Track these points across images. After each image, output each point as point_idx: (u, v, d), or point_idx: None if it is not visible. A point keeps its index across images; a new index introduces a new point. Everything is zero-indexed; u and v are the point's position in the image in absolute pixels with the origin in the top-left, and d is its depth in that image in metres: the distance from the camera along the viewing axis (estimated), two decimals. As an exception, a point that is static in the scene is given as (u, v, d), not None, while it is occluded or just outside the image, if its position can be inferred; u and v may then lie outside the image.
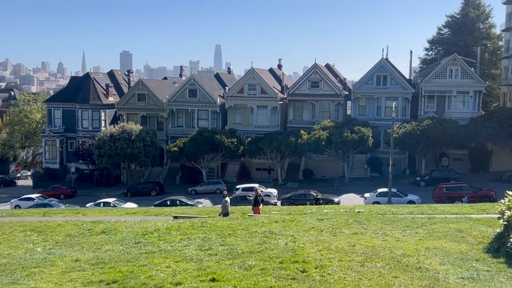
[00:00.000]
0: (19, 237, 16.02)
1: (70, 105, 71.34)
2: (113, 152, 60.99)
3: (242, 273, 10.79)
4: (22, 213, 31.69)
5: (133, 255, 12.80)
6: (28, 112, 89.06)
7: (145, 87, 70.89)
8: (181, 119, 69.79)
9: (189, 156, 61.19)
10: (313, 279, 10.33)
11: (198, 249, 13.29)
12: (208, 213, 25.86)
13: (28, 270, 11.52)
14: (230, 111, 68.05)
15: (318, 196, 44.46)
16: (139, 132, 62.61)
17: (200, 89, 68.64)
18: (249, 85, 67.45)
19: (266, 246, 13.54)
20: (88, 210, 35.04)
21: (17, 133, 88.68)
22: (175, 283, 10.03)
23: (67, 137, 71.59)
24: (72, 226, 18.07)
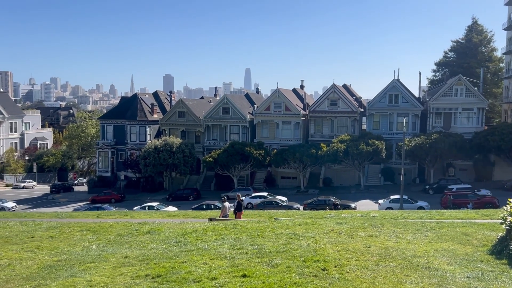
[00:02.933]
0: (76, 236, 16.18)
1: (120, 121, 72.47)
2: (157, 162, 61.66)
3: (270, 270, 10.75)
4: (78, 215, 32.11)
5: (174, 253, 12.85)
6: (85, 128, 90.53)
7: (184, 105, 71.64)
8: (215, 133, 70.22)
9: (222, 165, 61.43)
10: (333, 277, 10.23)
11: (230, 248, 13.28)
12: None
13: (85, 265, 11.64)
14: (258, 126, 68.18)
15: (336, 202, 44.05)
16: (179, 145, 63.16)
17: (232, 107, 69.00)
18: (275, 103, 67.56)
19: (290, 246, 13.46)
20: (135, 212, 35.32)
21: (75, 146, 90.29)
22: (211, 278, 10.04)
23: (118, 149, 72.67)
24: (122, 227, 18.22)
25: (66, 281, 10.08)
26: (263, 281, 9.76)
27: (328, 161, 59.90)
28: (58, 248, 14.00)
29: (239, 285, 9.54)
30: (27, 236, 16.30)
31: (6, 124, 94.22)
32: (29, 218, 24.53)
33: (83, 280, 10.13)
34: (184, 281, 9.90)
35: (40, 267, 11.56)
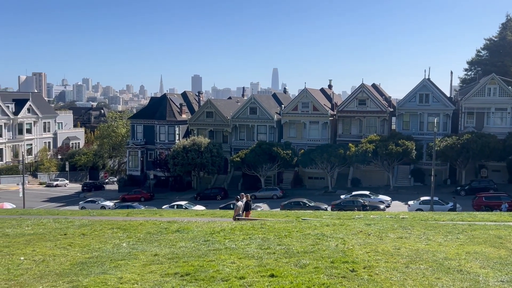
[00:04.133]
0: (107, 233, 16.47)
1: (150, 121, 73.47)
2: (185, 162, 62.28)
3: (298, 270, 10.71)
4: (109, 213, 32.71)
5: (202, 252, 12.94)
6: (115, 127, 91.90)
7: (212, 106, 72.09)
8: (242, 133, 70.39)
9: (249, 165, 61.57)
10: (362, 278, 10.12)
11: (258, 248, 13.28)
12: (266, 216, 25.82)
13: (116, 262, 11.84)
14: (286, 126, 68.02)
15: (365, 203, 43.62)
16: (207, 145, 63.62)
17: (259, 107, 69.06)
18: (302, 103, 67.29)
19: (318, 247, 13.38)
20: (164, 211, 35.75)
21: (106, 145, 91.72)
22: (239, 277, 10.07)
23: (147, 148, 73.69)
24: (151, 225, 18.45)
25: (97, 278, 10.28)
26: (291, 281, 9.73)
27: (356, 161, 59.27)
28: (90, 245, 14.29)
29: (267, 285, 9.53)
30: (60, 233, 16.70)
31: (40, 124, 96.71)
32: (62, 216, 25.14)
33: (114, 277, 10.30)
34: (213, 279, 9.96)
35: (73, 264, 11.83)
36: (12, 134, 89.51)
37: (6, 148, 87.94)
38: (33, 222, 19.75)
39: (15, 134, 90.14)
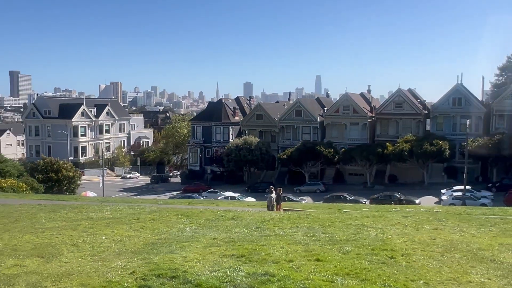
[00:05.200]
0: (173, 219, 16.84)
1: (208, 123, 74.60)
2: (238, 158, 62.80)
3: (341, 256, 10.55)
4: (173, 202, 33.52)
5: (255, 237, 12.99)
6: (178, 128, 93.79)
7: (262, 109, 72.30)
8: (289, 133, 70.14)
9: (295, 162, 61.28)
10: (400, 265, 9.85)
11: (304, 235, 13.19)
12: (310, 208, 25.63)
13: (181, 243, 12.09)
14: (328, 127, 67.20)
15: (401, 197, 42.41)
16: (257, 143, 63.86)
17: (304, 110, 68.60)
18: (343, 106, 66.26)
19: (359, 236, 13.13)
20: (220, 201, 36.19)
21: (171, 144, 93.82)
22: (288, 260, 10.04)
23: (205, 146, 74.87)
24: (210, 213, 18.72)
25: (166, 256, 10.55)
26: (335, 265, 9.61)
27: (393, 159, 57.70)
28: (159, 228, 14.67)
29: (314, 267, 9.46)
30: (133, 218, 17.24)
31: (116, 125, 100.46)
32: (135, 204, 25.98)
33: (180, 256, 10.54)
34: (264, 261, 9.99)
35: (145, 244, 12.19)
36: (94, 134, 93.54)
37: (89, 146, 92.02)
38: (111, 208, 20.51)
39: (96, 134, 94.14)
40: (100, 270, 9.58)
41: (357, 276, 8.93)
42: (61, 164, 50.70)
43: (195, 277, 8.74)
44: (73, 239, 12.98)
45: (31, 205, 23.02)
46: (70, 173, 50.72)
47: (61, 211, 19.36)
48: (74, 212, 19.03)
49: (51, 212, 19.25)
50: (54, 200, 29.87)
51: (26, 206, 21.93)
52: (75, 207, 21.45)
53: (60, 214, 18.39)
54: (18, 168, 47.95)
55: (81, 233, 13.83)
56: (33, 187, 42.80)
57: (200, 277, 8.74)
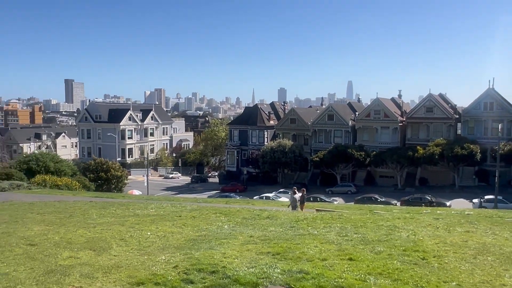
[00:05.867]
0: (212, 217, 16.96)
1: (244, 127, 75.03)
2: (272, 160, 62.76)
3: (373, 256, 10.32)
4: (212, 201, 33.80)
5: (289, 236, 12.91)
6: (217, 132, 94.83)
7: (295, 113, 71.99)
8: (321, 137, 69.50)
9: (327, 164, 60.62)
10: (432, 266, 9.52)
11: (337, 235, 12.99)
12: (342, 208, 25.20)
13: (220, 240, 12.16)
14: (359, 131, 66.09)
15: (432, 200, 41.09)
16: (290, 146, 63.63)
17: (336, 114, 67.80)
18: (374, 111, 65.00)
19: (391, 236, 12.78)
20: (256, 201, 36.22)
21: (209, 146, 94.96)
22: (322, 259, 9.91)
23: (242, 149, 75.28)
24: (246, 212, 18.73)
25: (206, 252, 10.65)
26: (367, 265, 9.41)
27: (424, 162, 56.02)
28: (199, 226, 14.82)
29: (346, 266, 9.30)
30: (176, 215, 17.50)
31: (160, 129, 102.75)
32: (177, 202, 26.41)
33: (219, 252, 10.61)
34: (299, 259, 9.91)
35: (186, 240, 12.36)
36: (139, 136, 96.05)
37: (135, 148, 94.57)
38: (155, 206, 20.92)
39: (142, 136, 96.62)
40: (146, 263, 9.78)
41: (389, 276, 8.70)
42: (110, 165, 52.26)
43: (233, 273, 8.79)
44: (121, 234, 13.32)
45: (84, 202, 23.83)
46: (118, 172, 52.17)
47: (110, 208, 19.93)
48: (122, 209, 19.54)
49: (101, 208, 19.86)
50: (104, 197, 30.82)
51: (79, 203, 22.72)
52: (123, 204, 22.03)
53: (109, 211, 18.93)
54: (72, 167, 49.78)
55: (129, 229, 14.18)
56: (85, 185, 44.32)
57: (238, 273, 8.77)
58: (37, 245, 11.88)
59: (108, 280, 8.69)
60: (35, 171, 43.57)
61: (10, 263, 9.99)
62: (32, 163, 45.20)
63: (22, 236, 13.11)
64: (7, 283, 8.54)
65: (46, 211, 19.01)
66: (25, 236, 13.11)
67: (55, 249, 11.31)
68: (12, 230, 14.19)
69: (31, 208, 20.10)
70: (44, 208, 20.18)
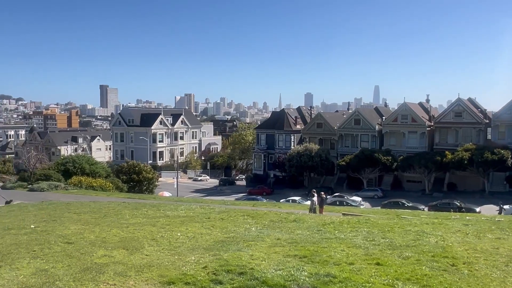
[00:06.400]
0: (240, 219, 17.02)
1: (271, 131, 74.94)
2: (299, 164, 62.39)
3: (401, 261, 10.08)
4: (239, 203, 33.90)
5: (316, 239, 12.79)
6: (244, 136, 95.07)
7: (322, 118, 71.42)
8: (347, 141, 68.59)
9: (353, 168, 59.73)
10: (462, 273, 9.21)
11: (364, 239, 12.78)
12: (368, 213, 24.78)
13: (247, 242, 12.18)
14: (386, 135, 64.85)
15: (461, 205, 39.81)
16: (317, 150, 63.09)
17: (362, 119, 66.82)
18: (401, 115, 63.67)
19: (419, 242, 12.46)
20: (282, 204, 36.07)
21: (237, 150, 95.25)
22: (349, 263, 9.77)
23: (268, 152, 75.18)
24: (273, 215, 18.69)
25: (234, 254, 10.69)
26: (395, 270, 9.20)
27: (452, 167, 54.35)
28: (227, 227, 14.90)
29: (374, 271, 9.12)
30: (205, 217, 17.66)
31: (189, 132, 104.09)
32: (205, 204, 26.67)
33: (247, 254, 10.63)
34: (326, 263, 9.80)
35: (215, 241, 12.44)
36: (170, 140, 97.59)
37: (165, 151, 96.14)
38: (185, 207, 21.17)
39: (172, 140, 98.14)
40: (176, 263, 9.91)
41: (418, 282, 8.49)
42: (141, 167, 53.25)
43: (261, 275, 8.78)
44: (153, 234, 13.55)
45: (117, 202, 24.41)
46: (149, 175, 53.09)
47: (142, 209, 20.33)
48: (153, 210, 19.89)
49: (133, 209, 20.28)
50: (136, 198, 31.47)
51: (112, 204, 23.28)
52: (154, 205, 22.42)
53: (141, 212, 19.31)
54: (106, 169, 51.02)
55: (160, 229, 14.41)
56: (118, 186, 45.35)
57: (266, 275, 8.76)
58: (74, 243, 12.25)
59: (141, 278, 8.86)
60: (71, 172, 44.91)
61: (49, 260, 10.33)
62: (69, 165, 46.62)
63: (60, 235, 13.54)
64: (46, 279, 8.83)
65: (82, 211, 19.58)
66: (63, 235, 13.53)
67: (91, 248, 11.63)
68: (51, 229, 14.69)
69: (68, 208, 20.75)
70: (80, 208, 20.80)
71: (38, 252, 11.18)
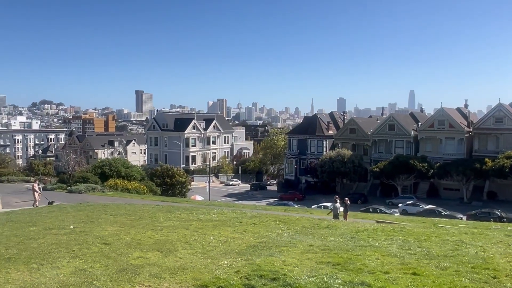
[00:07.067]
0: (272, 224, 16.95)
1: (303, 136, 74.60)
2: (331, 170, 61.74)
3: (439, 272, 9.72)
4: (271, 208, 33.87)
5: (350, 246, 12.56)
6: (276, 141, 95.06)
7: (355, 123, 70.42)
8: (381, 147, 67.27)
9: (387, 175, 58.45)
10: (505, 286, 8.76)
11: (399, 248, 12.43)
12: (403, 221, 24.10)
13: (279, 247, 12.11)
14: (422, 141, 63.11)
15: (502, 215, 38.06)
16: (350, 156, 62.24)
17: (397, 124, 65.36)
18: (438, 121, 61.83)
19: (458, 252, 11.99)
20: (314, 210, 35.77)
21: (268, 155, 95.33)
22: (384, 272, 9.52)
23: (300, 158, 74.83)
24: (305, 221, 18.52)
25: (266, 259, 10.66)
26: (433, 281, 8.89)
27: (493, 175, 52.16)
28: (259, 232, 14.88)
29: (410, 281, 8.85)
30: (237, 221, 17.72)
31: (221, 137, 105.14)
32: (237, 208, 26.79)
33: (279, 260, 10.58)
34: (360, 271, 9.60)
35: (247, 246, 12.45)
36: (202, 144, 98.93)
37: (198, 155, 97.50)
38: (217, 211, 21.34)
39: (204, 144, 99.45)
40: (209, 267, 9.99)
41: (457, 294, 8.17)
42: (175, 171, 54.24)
43: (294, 281, 8.71)
44: (186, 237, 13.73)
45: (151, 205, 24.93)
46: (182, 178, 53.98)
47: (175, 212, 20.65)
48: (186, 213, 20.16)
49: (167, 212, 20.63)
50: (169, 201, 32.04)
51: (147, 206, 23.80)
52: (187, 209, 22.73)
53: (174, 215, 19.61)
54: (141, 173, 52.29)
55: (193, 233, 14.59)
56: (152, 189, 46.36)
57: (299, 281, 8.68)
58: (111, 244, 12.59)
59: (175, 281, 8.99)
60: (108, 175, 46.33)
61: (87, 260, 10.68)
62: (106, 168, 48.12)
63: (97, 236, 13.97)
64: (85, 278, 9.13)
65: (118, 213, 20.12)
66: (100, 236, 13.95)
67: (127, 249, 11.92)
68: (89, 230, 15.18)
69: (105, 210, 21.39)
70: (116, 210, 21.38)
71: (77, 252, 11.57)
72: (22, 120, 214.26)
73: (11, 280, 8.88)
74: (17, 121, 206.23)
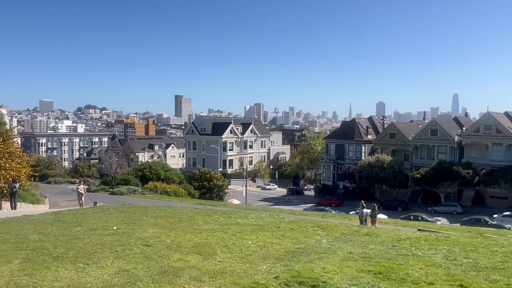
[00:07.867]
0: (310, 230, 16.76)
1: (341, 141, 73.51)
2: (370, 175, 60.43)
3: (488, 284, 9.23)
4: (308, 213, 33.52)
5: (391, 255, 12.19)
6: (313, 145, 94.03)
7: (395, 128, 68.62)
8: (423, 153, 65.09)
9: (429, 182, 56.46)
10: (562, 303, 8.21)
11: (444, 258, 11.92)
12: (447, 229, 23.10)
13: (318, 254, 11.93)
14: (466, 147, 60.49)
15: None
16: (389, 162, 60.67)
17: (440, 129, 63.05)
18: (484, 126, 59.08)
19: (508, 265, 11.33)
20: (352, 216, 35.10)
21: (306, 159, 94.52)
22: (428, 283, 9.15)
23: (338, 163, 73.73)
24: (344, 227, 18.20)
25: (305, 265, 10.54)
26: (482, 294, 8.46)
27: (545, 183, 49.18)
28: (297, 238, 14.75)
29: (457, 294, 8.47)
30: (274, 226, 17.66)
31: (258, 141, 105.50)
32: (274, 213, 26.72)
33: (318, 267, 10.42)
34: (403, 281, 9.28)
35: (286, 251, 12.37)
36: (239, 148, 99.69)
37: (235, 159, 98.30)
38: (255, 216, 21.36)
39: (241, 148, 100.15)
40: (248, 271, 10.00)
41: (509, 309, 7.72)
42: (212, 174, 54.92)
43: (334, 289, 8.56)
44: (225, 241, 13.83)
45: (190, 208, 25.33)
46: (219, 182, 54.56)
47: (213, 215, 20.87)
48: (224, 217, 20.32)
49: (205, 215, 20.89)
50: (207, 205, 32.45)
51: (186, 209, 24.21)
52: (224, 212, 22.93)
53: (213, 218, 19.82)
54: (179, 176, 53.36)
55: (231, 236, 14.67)
56: (190, 192, 47.19)
57: (339, 289, 8.52)
58: (152, 246, 12.89)
59: (214, 284, 9.06)
60: (148, 178, 47.62)
61: (130, 261, 10.98)
62: (146, 170, 49.48)
63: (139, 237, 14.35)
64: (128, 278, 9.38)
65: (158, 215, 20.59)
66: (142, 237, 14.32)
67: (167, 251, 12.16)
68: (131, 231, 15.62)
69: (146, 212, 21.95)
70: (157, 212, 21.89)
71: (120, 252, 11.92)
72: (68, 124, 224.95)
73: (60, 279, 9.26)
74: (64, 125, 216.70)
